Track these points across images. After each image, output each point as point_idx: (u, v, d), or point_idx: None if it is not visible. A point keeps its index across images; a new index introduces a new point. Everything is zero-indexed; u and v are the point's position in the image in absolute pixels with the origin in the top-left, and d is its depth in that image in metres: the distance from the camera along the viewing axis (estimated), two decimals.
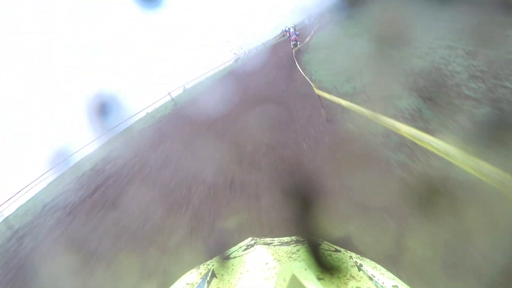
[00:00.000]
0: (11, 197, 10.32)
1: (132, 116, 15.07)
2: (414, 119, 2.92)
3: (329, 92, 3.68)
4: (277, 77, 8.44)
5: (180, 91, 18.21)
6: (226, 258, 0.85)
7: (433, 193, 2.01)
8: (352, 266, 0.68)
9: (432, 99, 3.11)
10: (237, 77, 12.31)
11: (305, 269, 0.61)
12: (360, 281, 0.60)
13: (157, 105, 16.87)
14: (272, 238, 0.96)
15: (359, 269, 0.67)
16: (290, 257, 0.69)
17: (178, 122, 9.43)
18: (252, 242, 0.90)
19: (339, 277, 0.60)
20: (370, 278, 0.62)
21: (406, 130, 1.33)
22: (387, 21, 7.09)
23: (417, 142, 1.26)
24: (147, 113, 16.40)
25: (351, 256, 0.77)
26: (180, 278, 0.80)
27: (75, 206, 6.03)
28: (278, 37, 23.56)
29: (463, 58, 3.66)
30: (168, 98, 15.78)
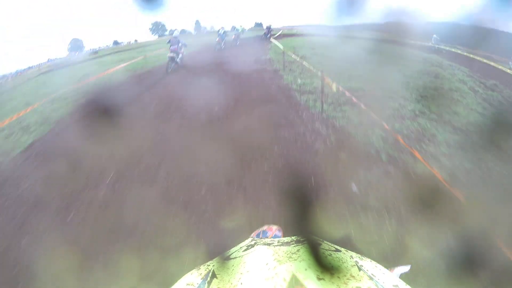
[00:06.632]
0: None
1: None
2: None
3: None
4: None
5: None
6: (226, 258, 0.85)
7: None
8: (352, 266, 0.68)
9: None
10: None
11: (305, 269, 0.61)
12: (360, 281, 0.60)
13: None
14: (272, 239, 0.96)
15: (360, 269, 0.67)
16: (290, 257, 0.69)
17: None
18: (252, 243, 0.90)
19: (339, 277, 0.60)
20: (371, 278, 0.62)
21: None
22: None
23: None
24: None
25: (351, 256, 0.77)
26: (180, 279, 0.80)
27: None
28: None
29: None
30: None
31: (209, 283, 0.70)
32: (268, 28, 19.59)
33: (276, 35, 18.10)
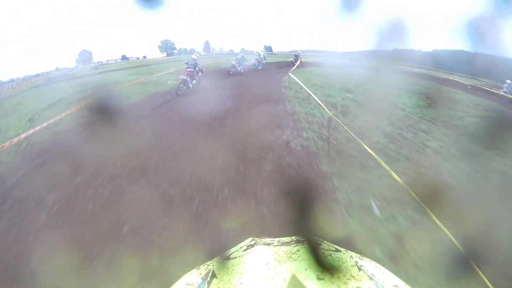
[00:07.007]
0: None
1: None
2: None
3: None
4: None
5: None
6: (226, 258, 0.85)
7: None
8: (352, 266, 0.68)
9: None
10: None
11: (305, 269, 0.61)
12: (360, 281, 0.60)
13: None
14: (272, 238, 0.96)
15: (359, 269, 0.67)
16: (290, 257, 0.69)
17: None
18: (252, 243, 0.90)
19: (339, 277, 0.60)
20: (370, 278, 0.62)
21: None
22: None
23: None
24: None
25: (351, 256, 0.77)
26: (180, 278, 0.80)
27: None
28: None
29: None
30: None
31: (209, 283, 0.70)
32: (296, 55, 15.87)
33: (295, 67, 14.02)
